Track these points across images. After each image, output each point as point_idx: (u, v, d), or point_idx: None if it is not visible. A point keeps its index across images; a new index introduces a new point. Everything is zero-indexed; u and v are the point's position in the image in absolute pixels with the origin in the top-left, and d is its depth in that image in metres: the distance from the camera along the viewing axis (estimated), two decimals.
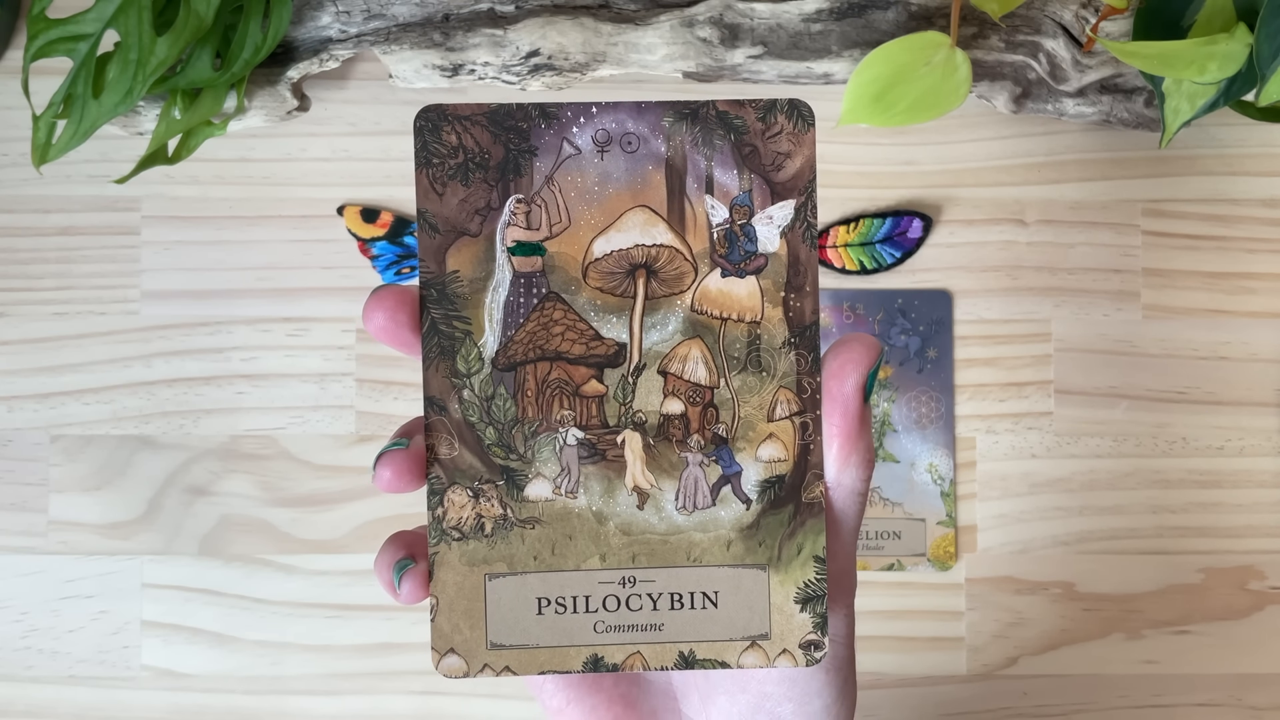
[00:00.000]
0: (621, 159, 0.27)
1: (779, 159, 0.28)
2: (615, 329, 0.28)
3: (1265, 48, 0.40)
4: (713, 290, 0.28)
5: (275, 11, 0.46)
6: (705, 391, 0.28)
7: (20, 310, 0.52)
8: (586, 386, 0.28)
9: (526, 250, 0.27)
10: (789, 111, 0.28)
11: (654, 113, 0.27)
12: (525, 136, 0.27)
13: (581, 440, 0.28)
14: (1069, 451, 0.53)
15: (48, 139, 0.43)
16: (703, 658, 0.28)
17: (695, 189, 0.28)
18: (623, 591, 0.28)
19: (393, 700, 0.53)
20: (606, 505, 0.28)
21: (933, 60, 0.41)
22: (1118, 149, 0.53)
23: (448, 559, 0.27)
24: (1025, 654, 0.53)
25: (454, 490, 0.27)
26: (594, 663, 0.28)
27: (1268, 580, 0.53)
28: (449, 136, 0.27)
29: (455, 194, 0.27)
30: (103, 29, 0.42)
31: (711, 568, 0.28)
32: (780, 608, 0.28)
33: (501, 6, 0.47)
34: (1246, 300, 0.53)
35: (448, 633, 0.27)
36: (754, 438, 0.28)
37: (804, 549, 0.28)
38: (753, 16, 0.47)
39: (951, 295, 0.53)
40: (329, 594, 0.53)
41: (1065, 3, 0.47)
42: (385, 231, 0.52)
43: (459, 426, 0.27)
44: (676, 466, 0.28)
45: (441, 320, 0.27)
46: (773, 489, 0.28)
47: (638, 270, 0.28)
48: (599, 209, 0.27)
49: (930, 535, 0.52)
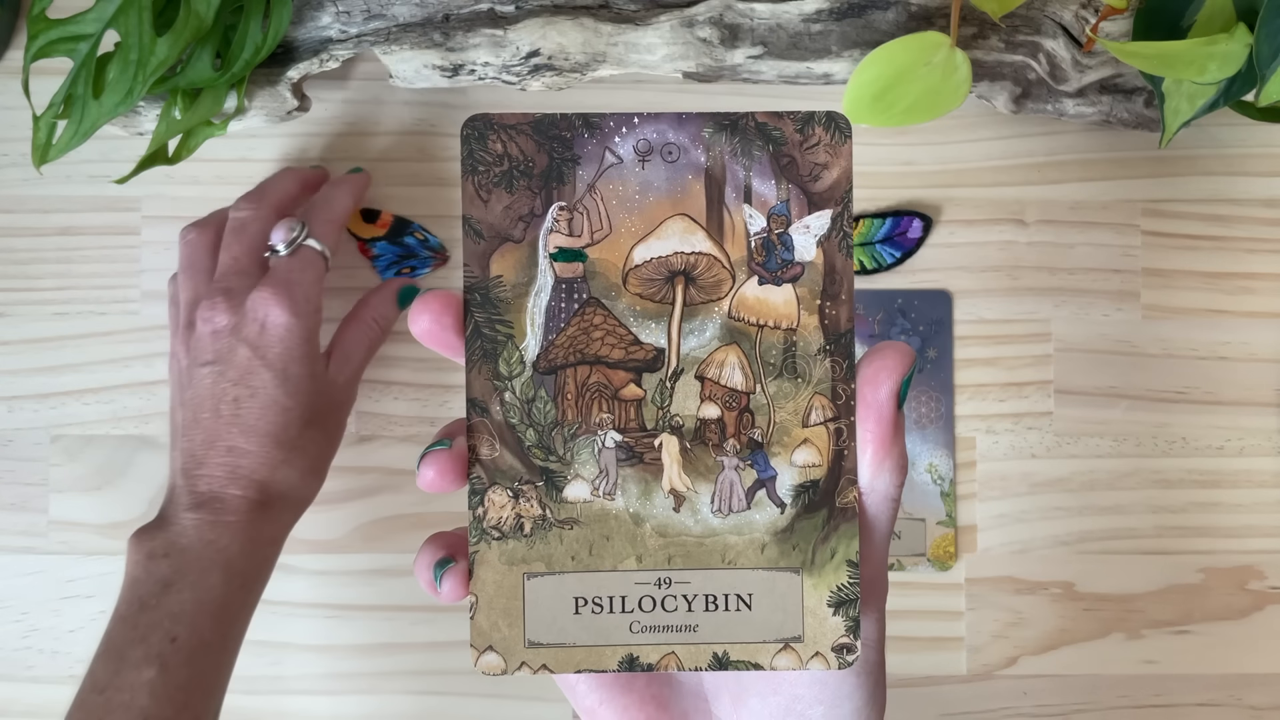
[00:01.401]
0: (662, 168, 0.28)
1: (816, 170, 0.28)
2: (654, 334, 0.28)
3: (1265, 48, 0.40)
4: (750, 298, 0.28)
5: (275, 11, 0.46)
6: (741, 397, 0.28)
7: (20, 310, 0.52)
8: (625, 390, 0.28)
9: (568, 256, 0.28)
10: (826, 123, 0.28)
11: (694, 123, 0.28)
12: (569, 145, 0.28)
13: (620, 443, 0.28)
14: (1069, 451, 0.53)
15: (48, 139, 0.43)
16: (736, 659, 0.28)
17: (734, 198, 0.28)
18: (658, 592, 0.28)
19: (393, 700, 0.53)
20: (643, 507, 0.28)
21: (933, 60, 0.41)
22: (1118, 149, 0.53)
23: (488, 558, 0.28)
24: (1025, 654, 0.53)
25: (494, 490, 0.28)
26: (629, 662, 0.28)
27: (1267, 580, 0.53)
28: (494, 145, 0.28)
29: (500, 201, 0.28)
30: (103, 29, 0.42)
31: (746, 570, 0.28)
32: (813, 611, 0.28)
33: (501, 6, 0.47)
34: (1246, 300, 0.53)
35: (486, 630, 0.28)
36: (789, 443, 0.28)
37: (837, 553, 0.28)
38: (753, 17, 0.47)
39: (951, 295, 0.53)
40: (329, 594, 0.53)
41: (1065, 3, 0.47)
42: (385, 232, 0.52)
43: (500, 428, 0.28)
44: (712, 470, 0.28)
45: (485, 324, 0.28)
46: (807, 493, 0.28)
47: (677, 277, 0.28)
48: (639, 217, 0.28)
49: (930, 535, 0.52)
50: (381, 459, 0.53)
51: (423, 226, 0.52)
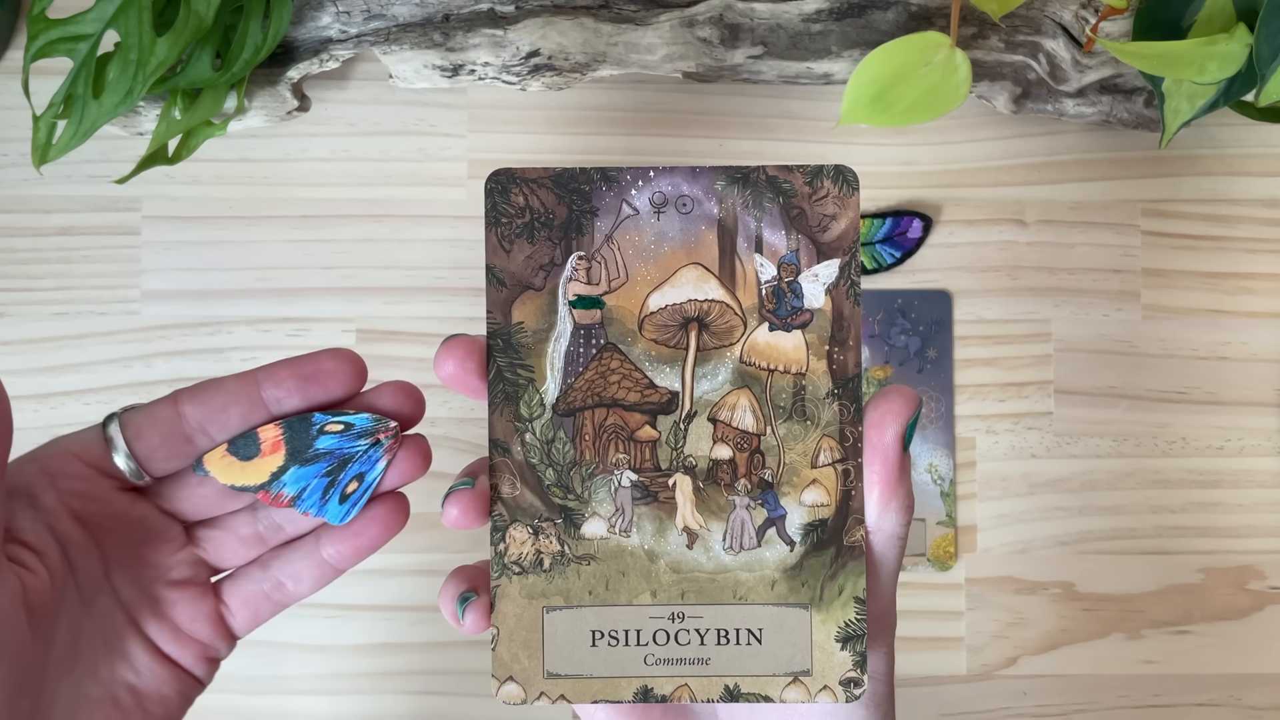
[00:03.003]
0: (676, 219, 0.29)
1: (825, 220, 0.29)
2: (668, 378, 0.29)
3: (1265, 48, 0.40)
4: (761, 343, 0.29)
5: (275, 11, 0.46)
6: (753, 438, 0.29)
7: (20, 310, 0.52)
8: (641, 432, 0.29)
9: (587, 304, 0.29)
10: (835, 177, 0.29)
11: (707, 177, 0.29)
12: (587, 198, 0.29)
13: (635, 482, 0.29)
14: (1069, 451, 0.53)
15: (48, 139, 0.43)
16: (747, 691, 0.29)
17: (745, 248, 0.29)
18: (672, 626, 0.29)
19: (393, 700, 0.53)
20: (658, 544, 0.29)
21: (933, 60, 0.41)
22: (1118, 149, 0.53)
23: (508, 592, 0.29)
24: (1025, 654, 0.53)
25: (515, 527, 0.29)
26: (644, 693, 0.29)
27: (1267, 580, 0.53)
28: (517, 198, 0.29)
29: (521, 251, 0.29)
30: (103, 29, 0.42)
31: (756, 606, 0.29)
32: (822, 645, 0.29)
33: (501, 6, 0.47)
34: (1246, 300, 0.53)
35: (507, 661, 0.29)
36: (798, 483, 0.29)
37: (845, 590, 0.29)
38: (753, 16, 0.47)
39: (951, 295, 0.53)
40: (329, 594, 0.52)
41: (1065, 3, 0.47)
42: (283, 456, 0.31)
43: (521, 468, 0.29)
44: (724, 509, 0.29)
45: (507, 368, 0.29)
46: (816, 532, 0.29)
47: (690, 323, 0.29)
48: (655, 266, 0.29)
49: (930, 535, 0.52)
50: None
51: (333, 412, 0.31)
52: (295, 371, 0.31)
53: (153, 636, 0.32)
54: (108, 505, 0.31)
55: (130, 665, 0.31)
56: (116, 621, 0.31)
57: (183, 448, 0.31)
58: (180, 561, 0.32)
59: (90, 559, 0.30)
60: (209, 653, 0.33)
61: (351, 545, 0.33)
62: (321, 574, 0.33)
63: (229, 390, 0.31)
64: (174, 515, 0.32)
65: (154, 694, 0.31)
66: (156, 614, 0.32)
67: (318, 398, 0.31)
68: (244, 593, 0.33)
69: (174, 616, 0.32)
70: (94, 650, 0.31)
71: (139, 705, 0.31)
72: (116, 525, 0.31)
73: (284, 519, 0.33)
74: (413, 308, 0.53)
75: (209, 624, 0.32)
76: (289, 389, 0.31)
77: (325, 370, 0.31)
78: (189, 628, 0.32)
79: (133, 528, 0.31)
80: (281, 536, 0.33)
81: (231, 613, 0.33)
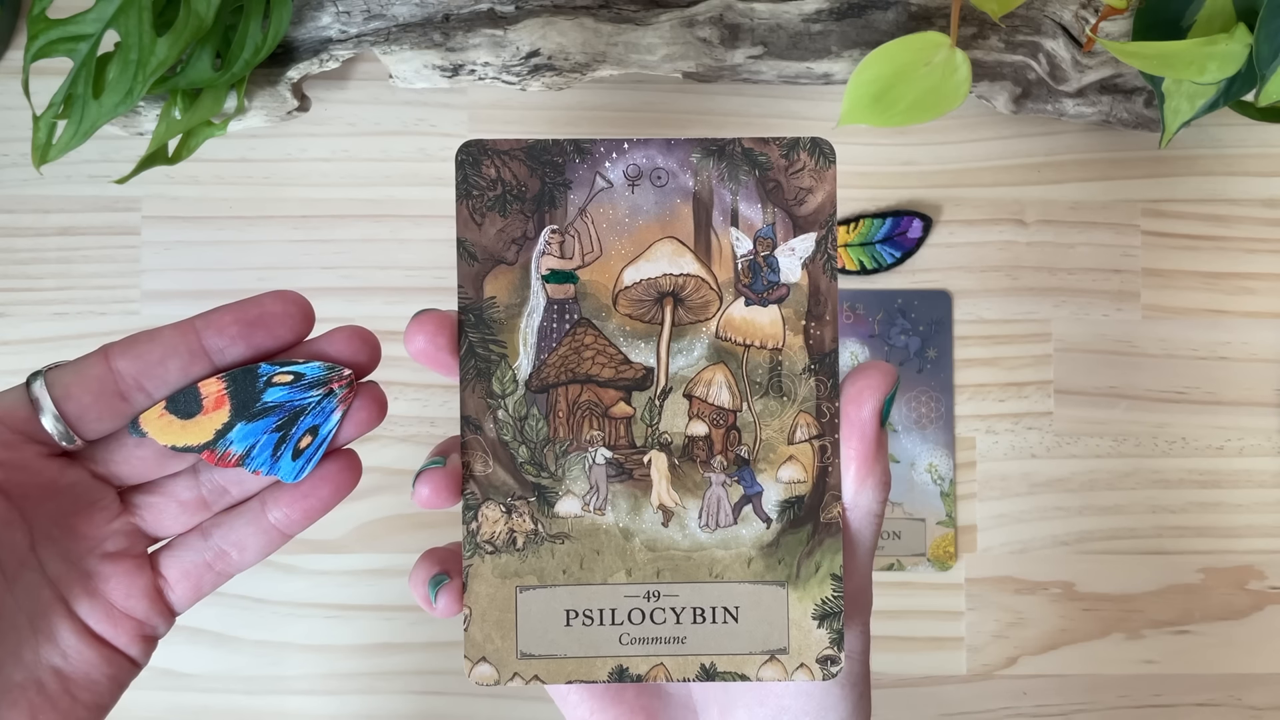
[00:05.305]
0: (651, 192, 0.29)
1: (801, 194, 0.29)
2: (643, 354, 0.29)
3: (1265, 48, 0.40)
4: (737, 318, 0.29)
5: (275, 12, 0.46)
6: (728, 415, 0.29)
7: (20, 310, 0.52)
8: (615, 408, 0.29)
9: (560, 278, 0.29)
10: (811, 149, 0.29)
11: (683, 149, 0.29)
12: (560, 170, 0.29)
13: (610, 460, 0.29)
14: (1069, 451, 0.53)
15: (48, 139, 0.43)
16: (723, 670, 0.29)
17: (721, 222, 0.29)
18: (647, 605, 0.29)
19: (392, 700, 0.53)
20: (633, 522, 0.29)
21: (933, 60, 0.41)
22: (1118, 149, 0.53)
23: (481, 571, 0.29)
24: (1025, 654, 0.53)
25: (488, 506, 0.29)
26: (619, 673, 0.29)
27: (1267, 580, 0.53)
28: (488, 170, 0.29)
29: (493, 224, 0.29)
30: (103, 29, 0.42)
31: (733, 584, 0.29)
32: (798, 623, 0.29)
33: (501, 6, 0.47)
34: (1246, 300, 0.53)
35: (480, 642, 0.29)
36: (774, 459, 0.29)
37: (822, 567, 0.29)
38: (753, 17, 0.47)
39: (951, 295, 0.53)
40: (329, 594, 0.53)
41: (1065, 3, 0.47)
42: (228, 413, 0.29)
43: (493, 445, 0.29)
44: (700, 486, 0.29)
45: (478, 344, 0.29)
46: (792, 509, 0.29)
47: (665, 298, 0.29)
48: (629, 239, 0.29)
49: (930, 535, 0.52)
50: (381, 459, 0.53)
51: (280, 362, 0.29)
52: (239, 316, 0.28)
53: (83, 615, 0.29)
54: (34, 473, 0.28)
55: (57, 647, 0.29)
56: (43, 599, 0.29)
57: (117, 407, 0.28)
58: (115, 532, 0.30)
59: (13, 532, 0.28)
60: (145, 631, 0.30)
61: (301, 507, 0.30)
62: (268, 540, 0.30)
63: (166, 341, 0.28)
64: (108, 480, 0.30)
65: (83, 678, 0.29)
66: (88, 590, 0.29)
67: (264, 345, 0.28)
68: (184, 564, 0.30)
69: (107, 593, 0.29)
70: (17, 631, 0.28)
71: (65, 690, 0.29)
72: (44, 494, 0.28)
73: (229, 480, 0.30)
74: (413, 308, 0.52)
75: (146, 599, 0.30)
76: (232, 336, 0.28)
77: (271, 314, 0.29)
78: (124, 604, 0.30)
79: (62, 496, 0.29)
80: (226, 500, 0.30)
81: (170, 586, 0.30)
